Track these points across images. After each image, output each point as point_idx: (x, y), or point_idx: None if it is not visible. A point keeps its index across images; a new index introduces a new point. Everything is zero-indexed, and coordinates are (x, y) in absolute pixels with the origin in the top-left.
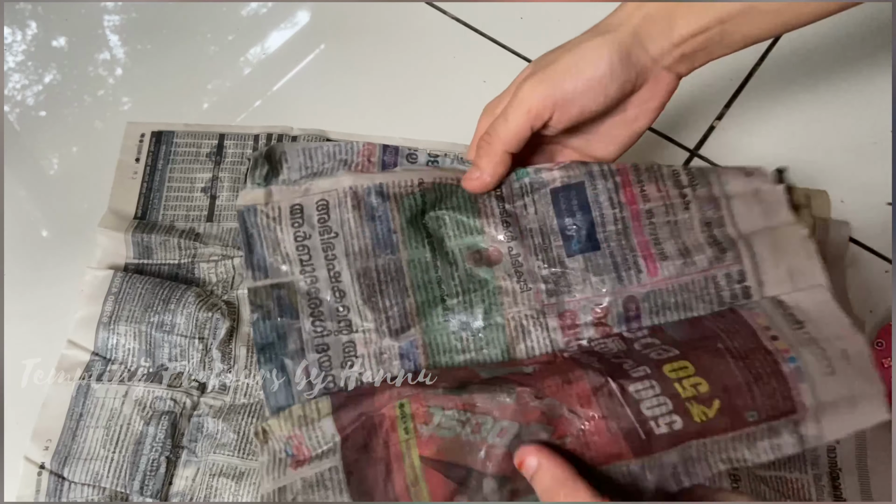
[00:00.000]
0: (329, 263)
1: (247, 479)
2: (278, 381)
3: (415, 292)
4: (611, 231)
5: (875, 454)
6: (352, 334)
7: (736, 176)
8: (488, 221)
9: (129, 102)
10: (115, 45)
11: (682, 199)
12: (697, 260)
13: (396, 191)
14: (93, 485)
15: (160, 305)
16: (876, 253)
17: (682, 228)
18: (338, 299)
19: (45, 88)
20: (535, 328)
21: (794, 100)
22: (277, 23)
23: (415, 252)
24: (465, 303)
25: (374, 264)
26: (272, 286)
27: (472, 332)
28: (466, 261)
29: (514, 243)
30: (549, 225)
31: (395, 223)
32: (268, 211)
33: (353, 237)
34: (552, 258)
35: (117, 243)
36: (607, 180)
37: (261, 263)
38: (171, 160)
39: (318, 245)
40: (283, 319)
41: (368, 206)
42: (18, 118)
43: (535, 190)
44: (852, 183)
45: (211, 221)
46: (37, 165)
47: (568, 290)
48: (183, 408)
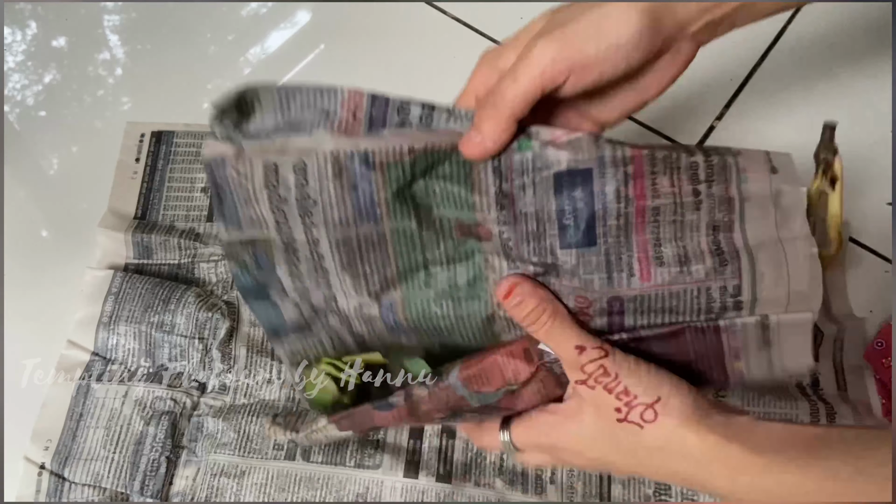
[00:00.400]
0: (307, 230)
1: (248, 477)
2: (266, 309)
3: (397, 260)
4: (611, 226)
5: None
6: (332, 290)
7: (758, 169)
8: (481, 199)
9: (129, 102)
10: (115, 44)
11: (694, 198)
12: (695, 270)
13: (383, 159)
14: (93, 485)
15: (160, 305)
16: (876, 253)
17: (686, 230)
18: (316, 261)
19: (44, 88)
20: None
21: (793, 100)
22: (277, 23)
23: (400, 223)
24: (450, 272)
25: (354, 233)
26: (247, 241)
27: (454, 300)
28: (454, 230)
29: (506, 227)
30: (547, 211)
31: (379, 196)
32: (238, 167)
33: (333, 206)
34: (544, 248)
35: (117, 243)
36: (618, 169)
37: (233, 216)
38: (171, 160)
39: (294, 211)
40: (261, 271)
41: (351, 173)
42: (18, 118)
43: (537, 170)
44: (852, 183)
45: (211, 221)
46: (37, 165)
47: (556, 276)
48: (183, 408)
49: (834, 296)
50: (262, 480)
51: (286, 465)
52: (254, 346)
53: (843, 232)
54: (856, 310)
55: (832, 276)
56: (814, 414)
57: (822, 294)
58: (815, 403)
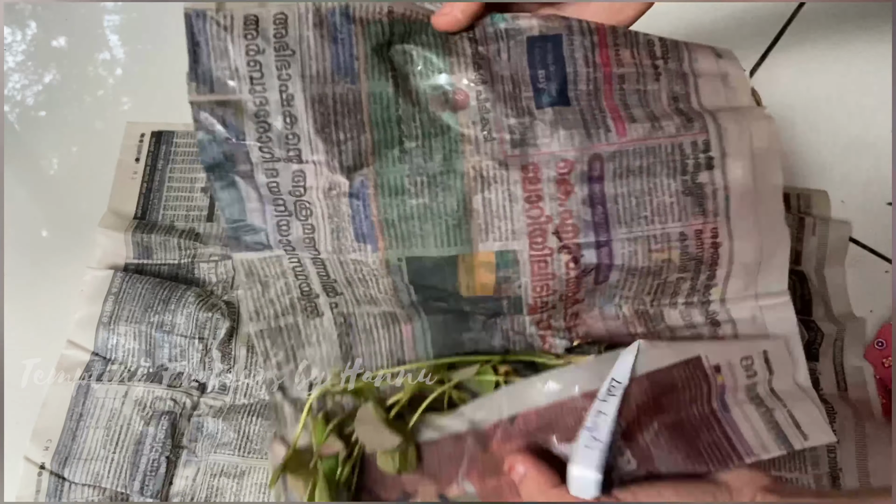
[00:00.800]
0: (282, 84)
1: (248, 477)
2: (231, 198)
3: (372, 129)
4: (582, 90)
5: (875, 454)
6: (302, 164)
7: (706, 55)
8: (458, 61)
9: (129, 102)
10: (115, 44)
11: (653, 70)
12: (665, 126)
13: (363, 15)
14: (93, 485)
15: (160, 305)
16: (876, 253)
17: (650, 98)
18: (288, 126)
19: (44, 88)
20: (496, 181)
21: (793, 100)
22: None
23: (377, 84)
24: (425, 147)
25: (331, 91)
26: (217, 103)
27: (429, 177)
28: (430, 103)
29: (484, 87)
30: (521, 74)
31: (358, 49)
32: (218, 18)
33: (312, 58)
34: (521, 108)
35: (117, 243)
36: (585, 37)
37: (206, 75)
38: (171, 160)
39: (271, 62)
40: (229, 141)
41: (331, 25)
42: (18, 118)
43: (510, 36)
44: (852, 183)
45: (211, 221)
46: (37, 165)
47: (534, 142)
48: (183, 408)
49: (834, 295)
50: (261, 480)
51: None
52: (254, 347)
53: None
54: (856, 309)
55: (833, 276)
56: None
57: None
58: None
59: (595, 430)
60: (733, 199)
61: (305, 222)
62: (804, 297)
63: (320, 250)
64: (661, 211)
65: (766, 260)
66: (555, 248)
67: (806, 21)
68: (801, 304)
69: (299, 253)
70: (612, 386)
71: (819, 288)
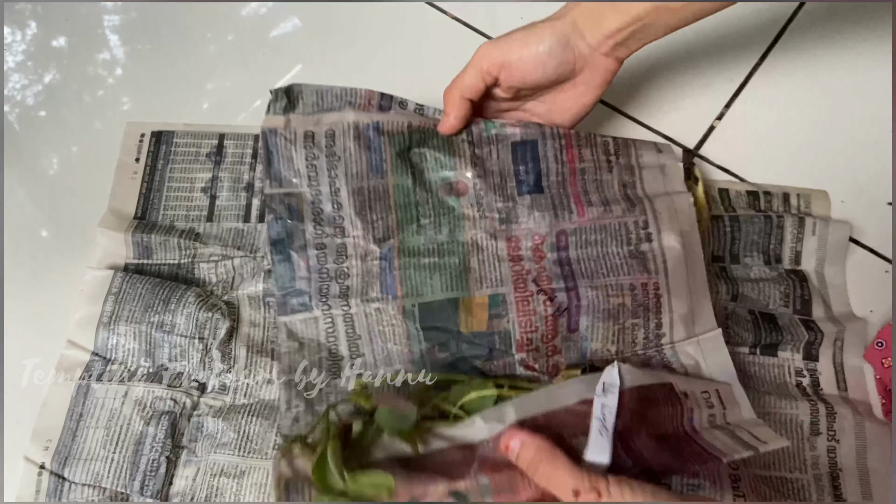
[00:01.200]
0: (331, 181)
1: (248, 477)
2: (284, 269)
3: (396, 210)
4: (552, 181)
5: (875, 454)
6: (344, 238)
7: (649, 151)
8: (460, 161)
9: (129, 102)
10: (115, 44)
11: (607, 164)
12: (614, 209)
13: (390, 129)
14: (93, 485)
15: (160, 305)
16: (876, 253)
17: (605, 186)
18: (335, 210)
19: (44, 88)
20: (488, 248)
21: (794, 100)
22: (277, 22)
23: (400, 178)
24: (435, 223)
25: (366, 184)
26: (284, 195)
27: (438, 244)
28: (440, 191)
29: (479, 180)
30: (507, 169)
31: (386, 154)
32: (286, 134)
33: (353, 161)
34: (507, 195)
35: (117, 243)
36: (555, 141)
37: (277, 175)
38: (171, 160)
39: (323, 165)
40: (292, 221)
41: (366, 137)
42: (18, 118)
43: (499, 141)
44: (852, 183)
45: (211, 221)
46: (36, 165)
47: (516, 221)
48: (183, 408)
49: (834, 295)
50: (261, 480)
51: None
52: (254, 346)
53: (844, 232)
54: (856, 310)
55: (833, 276)
56: (814, 414)
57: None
58: (815, 404)
59: (604, 419)
60: (669, 262)
61: (342, 284)
62: (804, 297)
63: (351, 305)
64: (614, 269)
65: (697, 309)
66: (534, 290)
67: (806, 21)
68: (801, 304)
69: (333, 311)
70: (607, 385)
71: (819, 288)
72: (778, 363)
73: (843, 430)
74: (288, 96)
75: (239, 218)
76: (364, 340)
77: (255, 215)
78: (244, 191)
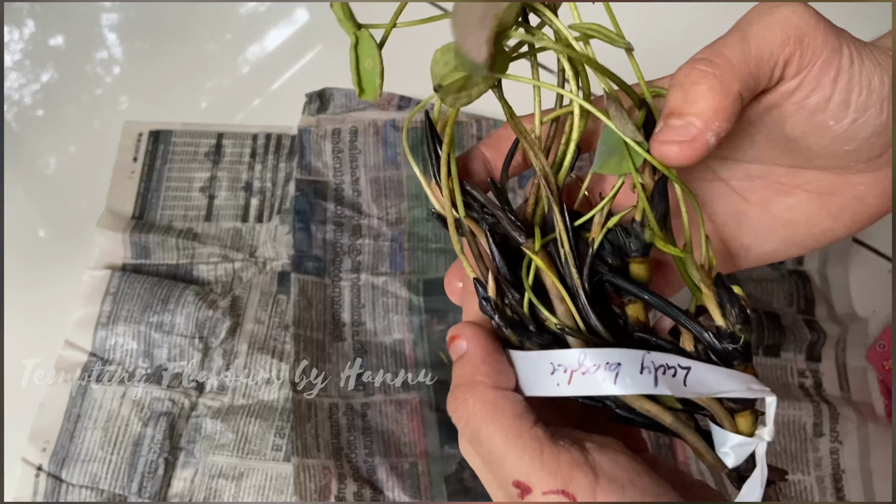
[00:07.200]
0: (353, 171)
1: (246, 479)
2: (304, 236)
3: (408, 199)
4: None
5: (878, 456)
6: (360, 220)
7: None
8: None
9: (127, 101)
10: (113, 43)
11: None
12: None
13: (405, 125)
14: (91, 487)
15: (159, 305)
16: (879, 253)
17: None
18: (355, 196)
19: (42, 87)
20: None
21: None
22: (276, 21)
23: (412, 170)
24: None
25: (383, 175)
26: (312, 181)
27: (445, 232)
28: None
29: None
30: None
31: (400, 147)
32: (317, 131)
33: (371, 155)
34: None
35: (115, 243)
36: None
37: (307, 165)
38: (169, 160)
39: (346, 158)
40: (315, 199)
41: (384, 133)
42: (16, 117)
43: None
44: None
45: (209, 221)
46: (34, 165)
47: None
48: (181, 409)
49: (836, 296)
50: (260, 482)
51: (284, 467)
52: (254, 345)
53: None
54: (859, 310)
55: (835, 276)
56: (816, 415)
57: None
58: (818, 404)
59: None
60: None
61: (354, 259)
62: (807, 297)
63: (360, 278)
64: None
65: None
66: None
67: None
68: (805, 304)
69: (342, 283)
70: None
71: (822, 288)
72: (781, 364)
73: (847, 432)
74: (321, 98)
75: (237, 217)
76: (367, 309)
77: (253, 215)
78: (242, 190)
